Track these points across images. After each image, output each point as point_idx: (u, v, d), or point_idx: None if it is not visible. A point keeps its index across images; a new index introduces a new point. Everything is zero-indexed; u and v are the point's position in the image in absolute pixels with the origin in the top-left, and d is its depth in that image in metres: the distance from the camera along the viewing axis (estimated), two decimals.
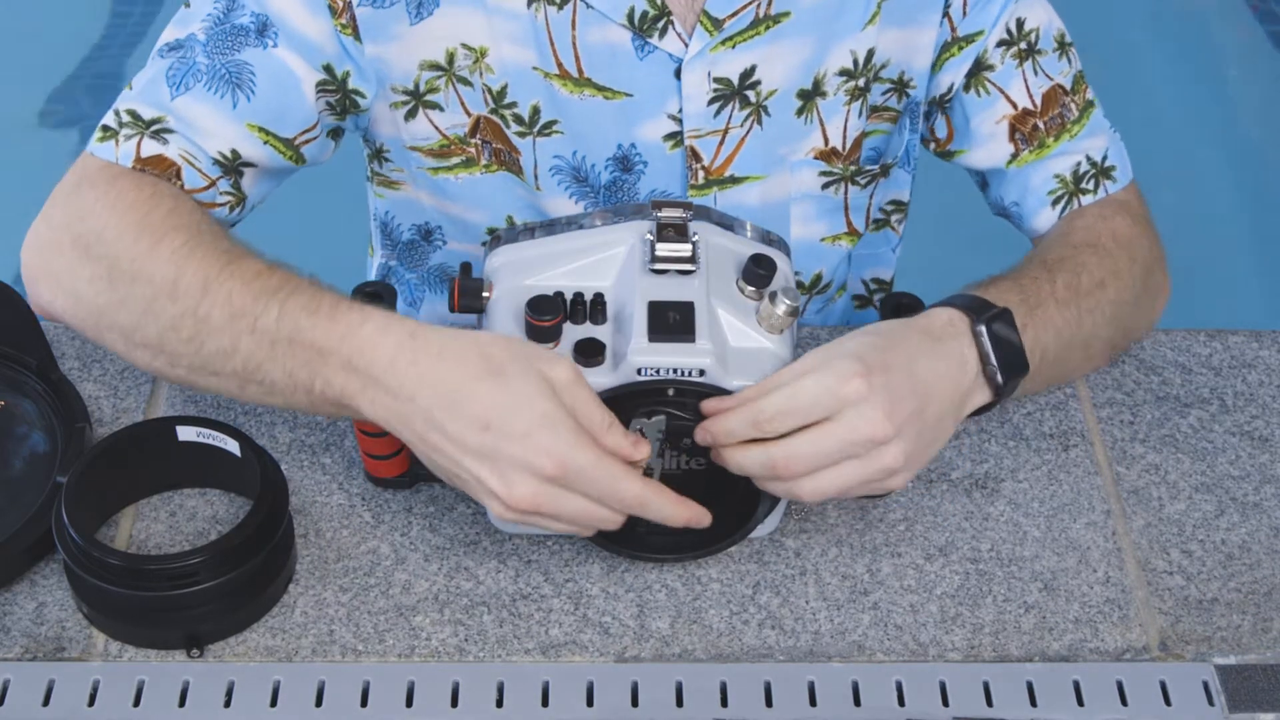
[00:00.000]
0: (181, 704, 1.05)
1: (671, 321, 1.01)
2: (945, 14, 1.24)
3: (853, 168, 1.29)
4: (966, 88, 1.27)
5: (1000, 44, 1.25)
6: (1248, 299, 2.43)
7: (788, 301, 1.03)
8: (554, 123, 1.22)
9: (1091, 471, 1.21)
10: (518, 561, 1.13)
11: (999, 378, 1.07)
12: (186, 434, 1.11)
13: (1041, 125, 1.27)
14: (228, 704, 1.05)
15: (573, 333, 1.04)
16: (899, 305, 1.08)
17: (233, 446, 1.11)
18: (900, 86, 1.27)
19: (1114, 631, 1.11)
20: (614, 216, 1.08)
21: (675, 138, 1.24)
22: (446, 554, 1.14)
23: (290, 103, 1.17)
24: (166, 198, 1.11)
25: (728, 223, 1.08)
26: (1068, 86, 1.28)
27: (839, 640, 1.10)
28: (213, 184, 1.16)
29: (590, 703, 1.06)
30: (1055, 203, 1.28)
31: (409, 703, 1.05)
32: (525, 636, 1.09)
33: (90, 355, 1.24)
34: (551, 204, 1.26)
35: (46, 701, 1.04)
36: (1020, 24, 1.25)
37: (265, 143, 1.18)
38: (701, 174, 1.25)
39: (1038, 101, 1.26)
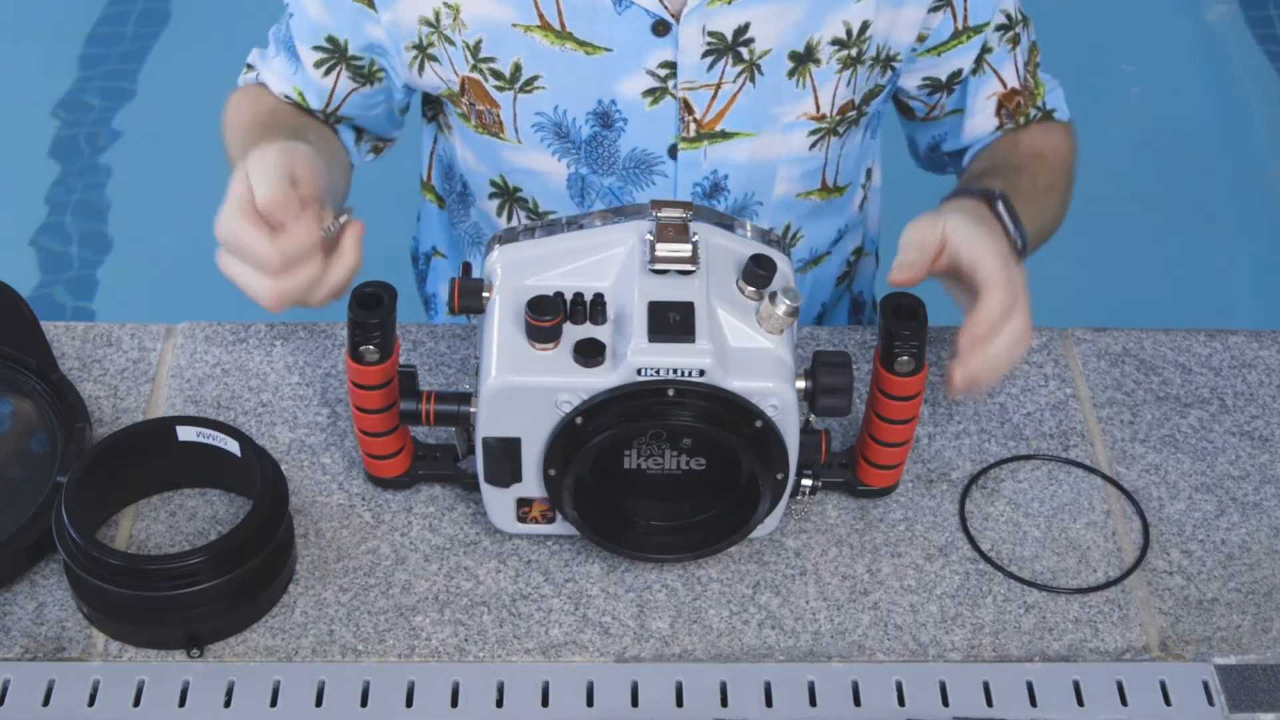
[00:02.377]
0: (181, 704, 1.05)
1: (671, 322, 1.01)
2: (948, 4, 1.28)
3: (837, 119, 1.32)
4: (973, 70, 1.33)
5: (998, 28, 1.32)
6: (1247, 299, 2.44)
7: (788, 302, 1.03)
8: (536, 78, 1.25)
9: (1091, 471, 1.21)
10: (518, 561, 1.13)
11: (1020, 245, 1.19)
12: (186, 434, 1.11)
13: (1023, 101, 1.37)
14: (228, 704, 1.05)
15: (573, 333, 1.04)
16: (899, 306, 1.08)
17: (233, 446, 1.11)
18: (886, 62, 1.31)
19: (1114, 631, 1.11)
20: (614, 217, 1.08)
21: (655, 94, 1.25)
22: (446, 554, 1.14)
23: (304, 79, 1.33)
24: (268, 100, 1.36)
25: (727, 223, 1.09)
26: (1036, 61, 1.38)
27: (839, 640, 1.10)
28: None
29: (590, 703, 1.06)
30: (997, 129, 1.38)
31: (409, 703, 1.05)
32: (525, 636, 1.09)
33: (90, 355, 1.24)
34: (532, 158, 1.30)
35: (46, 701, 1.04)
36: (1006, 11, 1.32)
37: (300, 107, 1.36)
38: (693, 126, 1.27)
39: (1022, 81, 1.35)
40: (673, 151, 1.29)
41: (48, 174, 2.69)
